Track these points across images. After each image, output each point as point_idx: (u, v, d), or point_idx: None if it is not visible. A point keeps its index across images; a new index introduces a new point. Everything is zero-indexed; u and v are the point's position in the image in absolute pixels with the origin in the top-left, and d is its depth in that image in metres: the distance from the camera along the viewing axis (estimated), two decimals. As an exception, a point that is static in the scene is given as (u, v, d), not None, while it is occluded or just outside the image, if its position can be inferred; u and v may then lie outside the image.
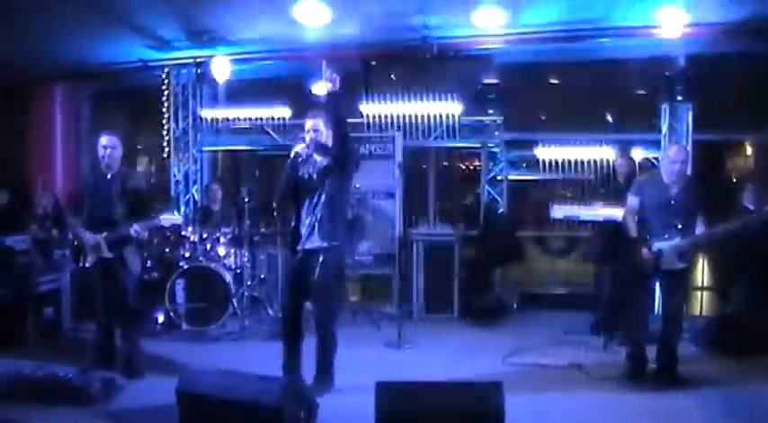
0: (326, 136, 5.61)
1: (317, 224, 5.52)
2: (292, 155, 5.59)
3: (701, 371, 6.30)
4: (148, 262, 8.31)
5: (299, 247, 5.62)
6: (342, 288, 7.73)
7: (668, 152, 6.20)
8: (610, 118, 10.38)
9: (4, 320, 7.22)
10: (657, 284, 6.29)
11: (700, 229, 5.93)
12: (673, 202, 5.92)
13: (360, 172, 7.32)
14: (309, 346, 5.76)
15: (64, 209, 9.33)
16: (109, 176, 6.26)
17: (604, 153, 8.82)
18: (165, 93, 10.19)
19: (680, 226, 5.88)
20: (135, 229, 6.07)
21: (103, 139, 6.27)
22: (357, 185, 8.04)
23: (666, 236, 5.87)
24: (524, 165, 9.48)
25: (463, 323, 8.35)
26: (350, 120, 6.04)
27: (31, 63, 9.92)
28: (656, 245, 5.87)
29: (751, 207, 7.48)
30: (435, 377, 5.80)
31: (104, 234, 6.11)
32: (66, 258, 8.11)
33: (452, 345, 7.46)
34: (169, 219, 6.21)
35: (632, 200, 6.12)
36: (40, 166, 11.26)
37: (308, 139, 5.62)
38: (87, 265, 6.24)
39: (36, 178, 10.73)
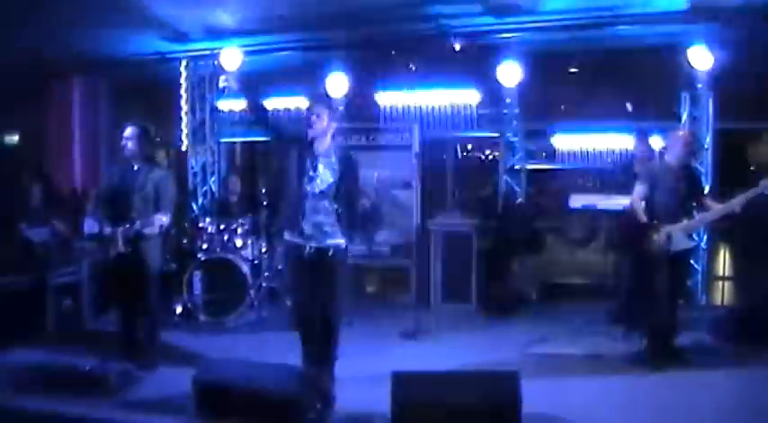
0: (327, 124, 5.38)
1: (328, 219, 5.34)
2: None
3: (722, 361, 6.24)
4: (166, 254, 8.34)
5: (308, 242, 5.37)
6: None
7: (676, 137, 6.35)
8: (629, 107, 10.25)
9: (23, 312, 7.27)
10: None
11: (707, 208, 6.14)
12: (680, 185, 6.09)
13: (378, 162, 7.32)
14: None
15: (81, 201, 9.42)
16: (135, 168, 6.21)
17: (623, 142, 8.73)
18: (182, 85, 10.20)
19: (687, 208, 6.10)
20: (137, 226, 5.97)
21: (126, 130, 6.23)
22: (375, 175, 8.02)
23: (676, 219, 6.03)
24: (542, 154, 9.41)
25: (481, 313, 8.32)
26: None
27: (49, 55, 9.96)
28: (666, 228, 5.99)
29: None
30: (452, 367, 5.77)
31: (121, 228, 6.04)
32: (85, 251, 8.18)
33: (470, 335, 7.43)
34: (158, 219, 5.99)
35: (640, 187, 6.19)
36: (58, 159, 11.33)
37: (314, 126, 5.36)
38: (107, 258, 6.21)
39: (55, 171, 10.81)
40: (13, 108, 11.99)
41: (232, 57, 9.09)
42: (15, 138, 12.76)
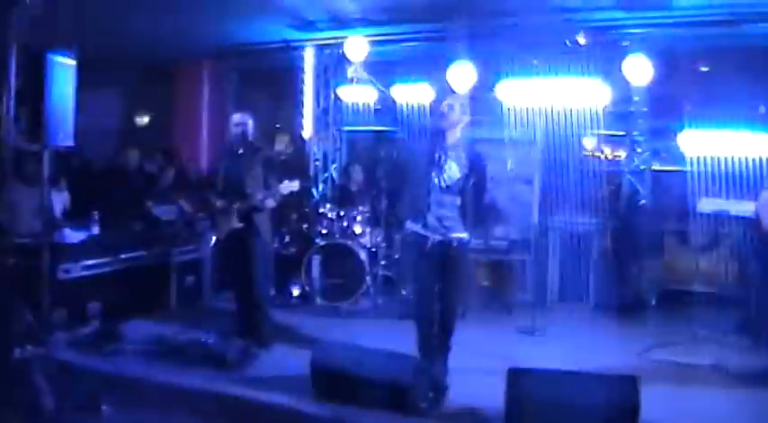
0: (459, 117, 5.39)
1: (453, 213, 5.33)
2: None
3: None
4: (287, 237, 8.52)
5: (432, 234, 5.37)
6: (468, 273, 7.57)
7: None
8: (763, 109, 9.79)
9: (149, 287, 7.58)
10: None
11: None
12: None
13: (498, 157, 7.24)
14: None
15: (203, 183, 9.77)
16: (240, 152, 6.51)
17: (756, 145, 8.33)
18: (307, 73, 10.36)
19: None
20: (259, 197, 6.28)
21: (235, 117, 6.62)
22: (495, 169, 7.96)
23: None
24: (669, 155, 9.10)
25: (598, 314, 8.11)
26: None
27: (179, 42, 10.29)
28: None
29: None
30: (567, 367, 5.64)
31: (235, 205, 6.35)
32: (208, 229, 8.47)
33: (586, 335, 7.26)
34: (287, 186, 6.35)
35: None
36: (187, 142, 11.72)
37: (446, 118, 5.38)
38: (221, 236, 6.54)
39: (184, 153, 11.20)
40: (145, 91, 12.51)
41: (358, 46, 9.15)
42: (146, 120, 13.27)
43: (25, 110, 5.82)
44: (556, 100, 8.72)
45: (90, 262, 6.88)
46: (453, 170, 5.28)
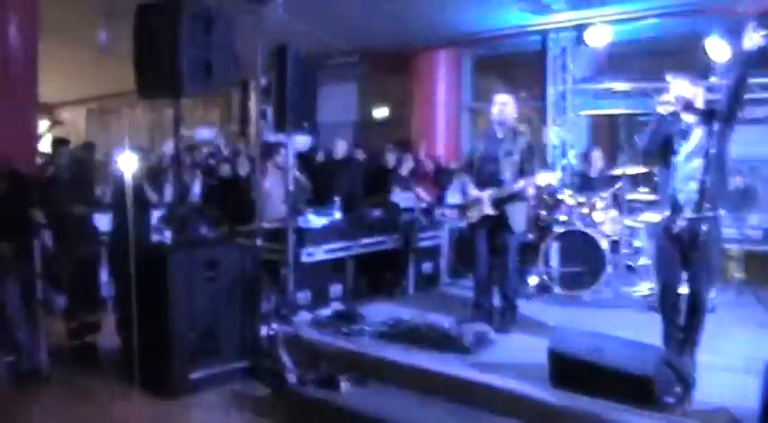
0: (694, 94, 5.01)
1: (699, 190, 4.92)
2: (661, 111, 5.13)
3: None
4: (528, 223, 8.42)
5: (679, 216, 5.02)
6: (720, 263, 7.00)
7: None
8: None
9: (389, 271, 7.78)
10: None
11: None
12: None
13: (752, 137, 6.67)
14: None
15: (444, 170, 9.86)
16: (500, 136, 6.38)
17: None
18: (544, 57, 10.18)
19: None
20: (515, 185, 6.15)
21: (498, 97, 6.43)
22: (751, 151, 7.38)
23: None
24: None
25: None
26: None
27: (414, 32, 10.47)
28: None
29: None
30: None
31: (490, 192, 6.24)
32: (445, 217, 8.57)
33: None
34: (545, 177, 6.23)
35: None
36: (423, 129, 11.92)
37: (672, 96, 5.03)
38: (472, 221, 6.45)
39: (419, 141, 11.40)
40: (381, 82, 12.89)
41: (599, 32, 8.89)
42: (383, 110, 13.63)
43: (271, 103, 6.20)
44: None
45: (332, 246, 7.14)
46: (695, 147, 4.95)
